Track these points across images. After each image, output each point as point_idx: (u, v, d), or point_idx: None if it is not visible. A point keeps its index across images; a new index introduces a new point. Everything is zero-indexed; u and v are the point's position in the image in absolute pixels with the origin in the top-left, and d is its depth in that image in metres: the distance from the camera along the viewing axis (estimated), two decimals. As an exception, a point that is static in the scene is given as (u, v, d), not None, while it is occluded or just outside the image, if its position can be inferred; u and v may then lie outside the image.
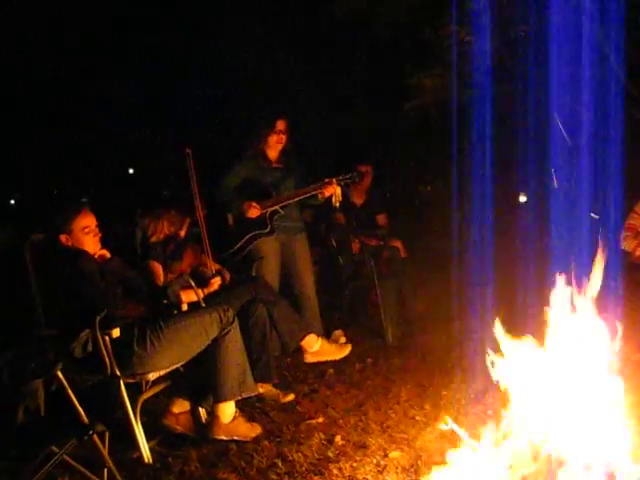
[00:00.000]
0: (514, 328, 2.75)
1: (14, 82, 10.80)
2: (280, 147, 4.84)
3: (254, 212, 4.68)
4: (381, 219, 6.16)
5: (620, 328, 2.63)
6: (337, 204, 4.79)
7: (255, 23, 9.59)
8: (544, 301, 2.71)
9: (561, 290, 2.65)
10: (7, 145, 11.75)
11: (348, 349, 4.47)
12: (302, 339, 4.19)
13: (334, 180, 4.71)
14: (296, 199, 4.78)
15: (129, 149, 13.36)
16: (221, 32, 9.81)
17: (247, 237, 4.72)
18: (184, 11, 10.20)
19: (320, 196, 4.74)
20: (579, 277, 2.64)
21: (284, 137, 4.81)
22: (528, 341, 2.71)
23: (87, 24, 10.48)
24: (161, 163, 11.53)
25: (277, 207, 4.75)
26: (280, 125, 4.79)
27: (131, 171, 16.06)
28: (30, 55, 10.74)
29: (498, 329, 2.71)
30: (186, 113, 10.59)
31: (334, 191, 4.70)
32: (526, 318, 2.78)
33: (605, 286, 2.66)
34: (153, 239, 4.08)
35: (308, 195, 4.75)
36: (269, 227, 4.72)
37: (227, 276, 4.31)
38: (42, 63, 10.91)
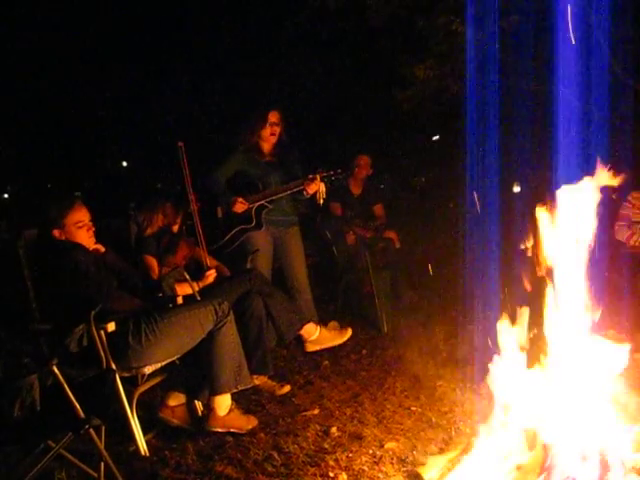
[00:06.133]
0: (509, 318, 2.77)
1: (8, 77, 10.74)
2: (274, 139, 4.79)
3: (240, 207, 4.66)
4: (378, 210, 6.17)
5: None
6: (320, 201, 4.70)
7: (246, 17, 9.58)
8: (540, 291, 2.72)
9: (557, 282, 2.66)
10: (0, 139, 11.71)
11: (348, 333, 4.40)
12: (300, 329, 4.19)
13: (317, 177, 4.62)
14: (280, 195, 4.72)
15: (123, 143, 13.31)
16: (214, 27, 9.80)
17: (233, 231, 4.71)
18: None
19: (305, 193, 4.68)
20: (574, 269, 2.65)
21: (278, 129, 4.76)
22: (524, 331, 2.73)
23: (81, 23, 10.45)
24: (154, 157, 11.50)
25: (263, 202, 4.73)
26: (273, 117, 4.74)
27: (125, 164, 16.03)
28: (24, 51, 10.68)
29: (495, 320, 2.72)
30: (179, 105, 10.57)
31: (317, 188, 4.64)
32: (523, 308, 2.78)
33: (600, 277, 2.68)
34: (148, 231, 4.08)
35: (292, 191, 4.71)
36: (255, 222, 4.71)
37: (225, 270, 4.32)
38: (36, 60, 10.85)
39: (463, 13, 5.82)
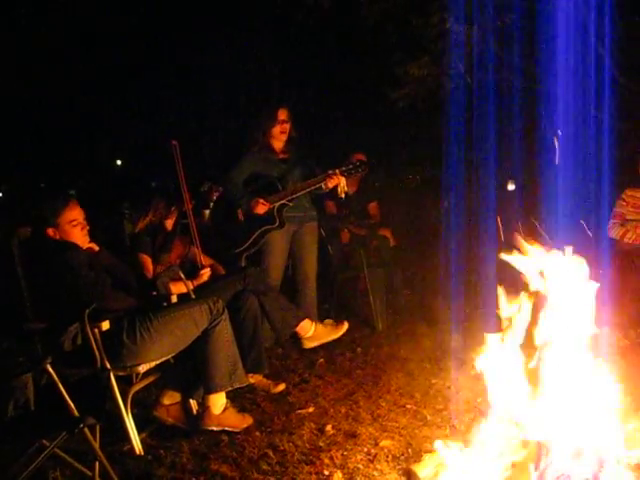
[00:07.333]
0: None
1: (3, 76, 10.71)
2: (285, 137, 4.79)
3: (262, 208, 4.65)
4: (372, 208, 6.16)
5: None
6: (342, 195, 4.72)
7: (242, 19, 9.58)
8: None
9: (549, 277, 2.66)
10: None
11: (345, 327, 4.40)
12: (295, 326, 4.19)
13: (338, 171, 4.64)
14: (301, 192, 4.72)
15: (117, 141, 13.29)
16: (210, 28, 9.80)
17: (257, 233, 4.71)
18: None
19: (324, 187, 4.68)
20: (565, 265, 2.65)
21: (287, 126, 4.76)
22: (517, 327, 2.73)
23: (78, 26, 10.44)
24: (149, 155, 11.50)
25: (284, 201, 4.72)
26: (282, 115, 4.74)
27: (119, 163, 16.02)
28: (20, 50, 10.66)
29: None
30: (173, 103, 10.57)
31: (338, 182, 4.64)
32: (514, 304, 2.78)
33: (593, 274, 2.68)
34: (139, 226, 4.07)
35: (313, 188, 4.71)
36: (278, 222, 4.70)
37: (220, 269, 4.31)
38: (32, 59, 10.82)
39: (457, 11, 5.83)
